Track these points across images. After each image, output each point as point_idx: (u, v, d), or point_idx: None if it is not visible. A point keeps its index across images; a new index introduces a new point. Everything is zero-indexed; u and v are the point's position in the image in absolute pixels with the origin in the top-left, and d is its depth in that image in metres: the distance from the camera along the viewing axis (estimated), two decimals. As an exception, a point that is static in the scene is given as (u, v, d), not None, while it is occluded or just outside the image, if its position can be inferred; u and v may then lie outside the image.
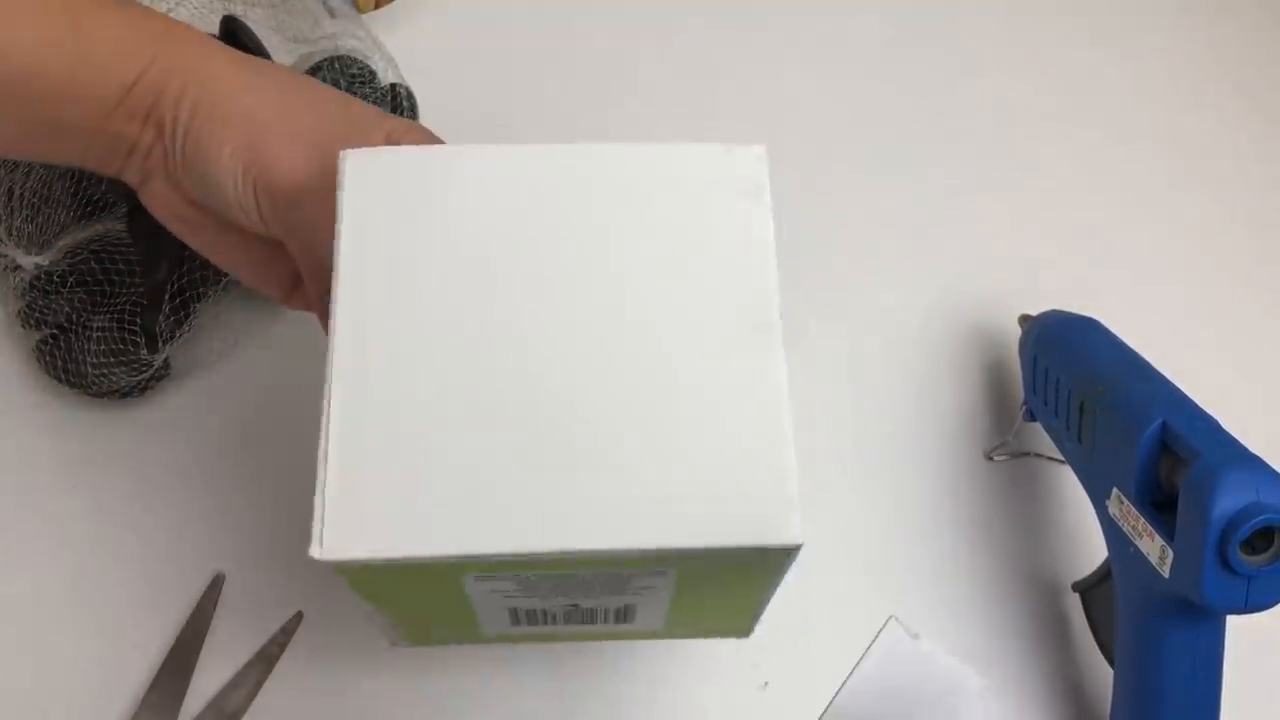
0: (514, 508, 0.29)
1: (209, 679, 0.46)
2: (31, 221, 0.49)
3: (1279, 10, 0.71)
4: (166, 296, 0.48)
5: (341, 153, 0.32)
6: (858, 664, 0.49)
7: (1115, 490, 0.44)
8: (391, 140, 0.38)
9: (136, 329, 0.48)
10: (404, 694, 0.47)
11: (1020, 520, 0.53)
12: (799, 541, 0.30)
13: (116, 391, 0.49)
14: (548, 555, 0.29)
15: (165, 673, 0.45)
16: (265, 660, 0.46)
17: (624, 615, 0.37)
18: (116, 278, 0.49)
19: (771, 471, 0.30)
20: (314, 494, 0.28)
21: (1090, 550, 0.52)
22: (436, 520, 0.28)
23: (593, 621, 0.37)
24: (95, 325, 0.48)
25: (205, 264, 0.49)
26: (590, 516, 0.29)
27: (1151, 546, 0.42)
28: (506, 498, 0.29)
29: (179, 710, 0.45)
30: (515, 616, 0.36)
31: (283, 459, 0.50)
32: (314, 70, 0.56)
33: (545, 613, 0.36)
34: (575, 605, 0.35)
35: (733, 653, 0.49)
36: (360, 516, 0.28)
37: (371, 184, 0.32)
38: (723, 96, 0.62)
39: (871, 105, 0.63)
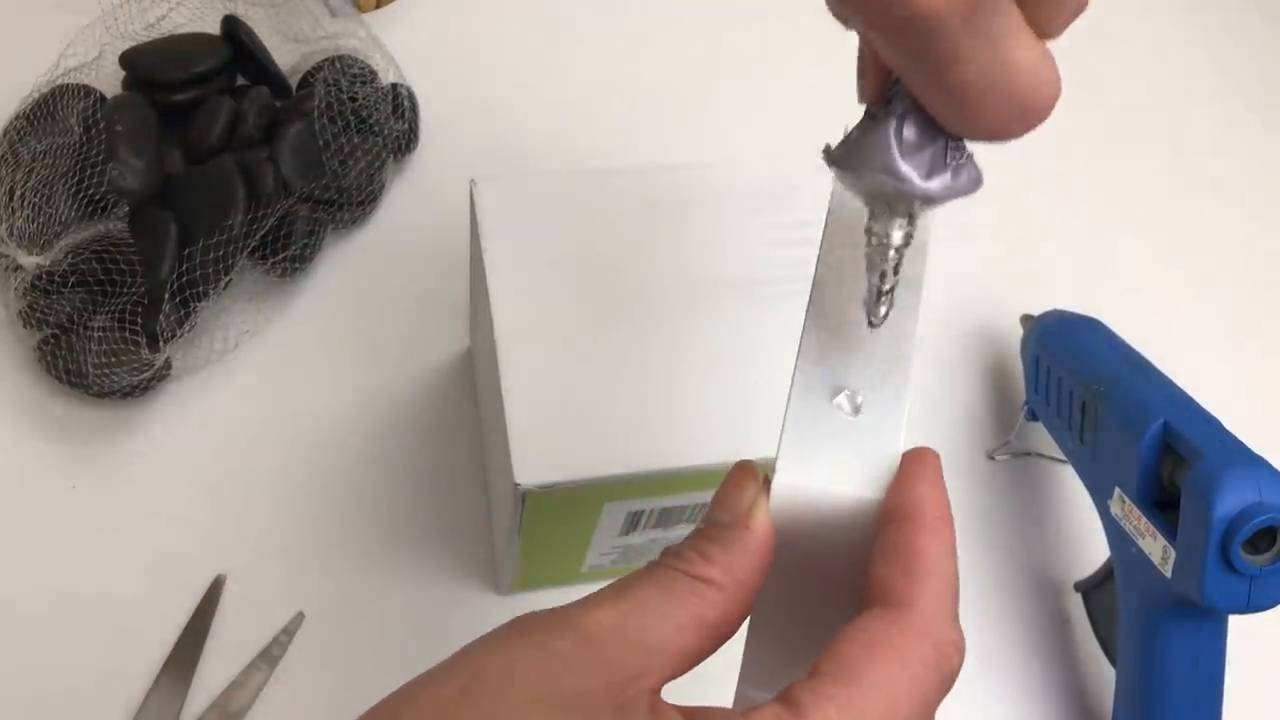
0: (650, 439, 0.38)
1: (211, 679, 0.46)
2: (33, 221, 0.49)
3: (1279, 10, 0.71)
4: (167, 296, 0.48)
5: (471, 180, 0.41)
6: None
7: (1117, 490, 0.44)
8: None
9: (138, 329, 0.48)
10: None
11: (1022, 520, 0.53)
12: None
13: (117, 391, 0.49)
14: (681, 471, 0.38)
15: (167, 673, 0.45)
16: (268, 660, 0.46)
17: None
18: (118, 277, 0.49)
19: None
20: (509, 443, 0.38)
21: (1092, 550, 0.52)
22: (595, 453, 0.38)
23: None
24: (96, 325, 0.48)
25: (206, 263, 0.49)
26: (709, 442, 0.38)
27: (1154, 546, 0.42)
28: (643, 432, 0.38)
29: (181, 711, 0.45)
30: (616, 550, 0.45)
31: (284, 459, 0.50)
32: (315, 70, 0.56)
33: (640, 547, 0.45)
34: (665, 535, 0.44)
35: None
36: (540, 456, 0.37)
37: (499, 202, 0.41)
38: (722, 95, 0.62)
39: (872, 105, 0.63)
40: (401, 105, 0.56)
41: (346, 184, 0.53)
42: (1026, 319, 0.54)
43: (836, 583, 0.28)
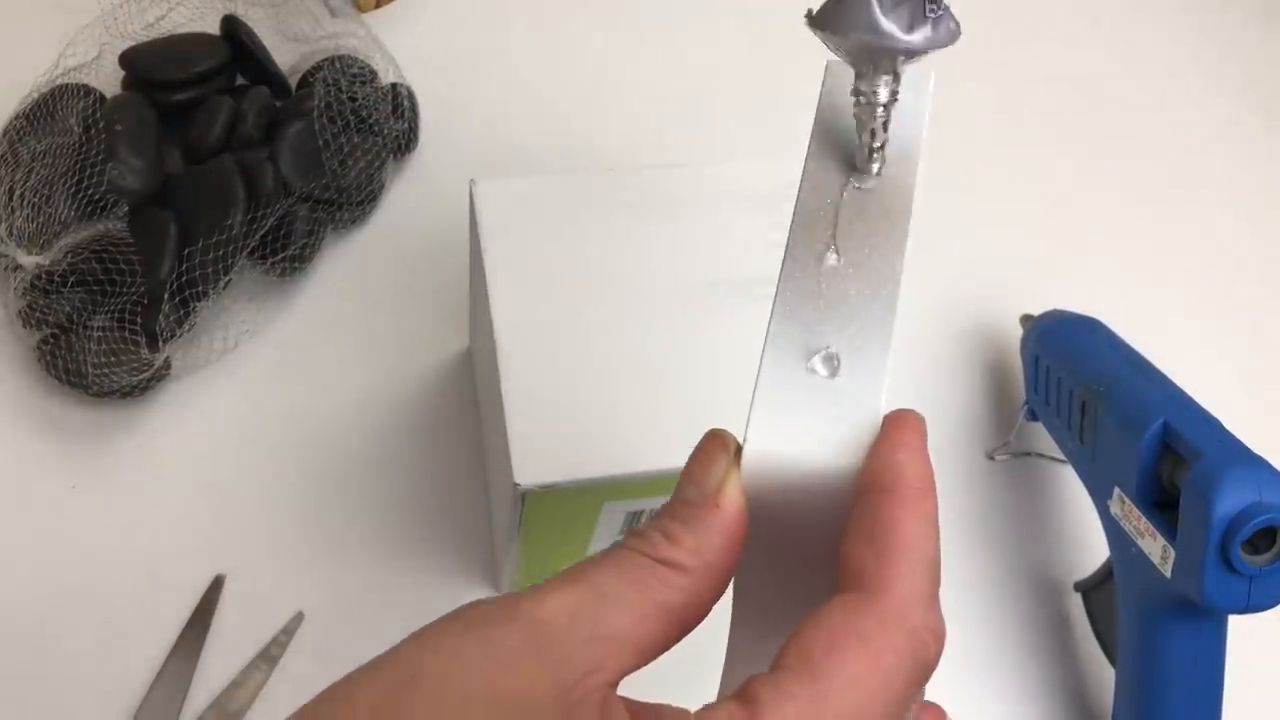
0: (650, 439, 0.38)
1: (211, 679, 0.46)
2: (33, 221, 0.49)
3: (1278, 10, 0.71)
4: (167, 296, 0.48)
5: (471, 179, 0.41)
6: None
7: (1117, 490, 0.44)
8: None
9: (137, 328, 0.48)
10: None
11: (1022, 520, 0.53)
12: None
13: (117, 391, 0.49)
14: (677, 472, 0.38)
15: (167, 673, 0.45)
16: (267, 660, 0.46)
17: None
18: (117, 277, 0.49)
19: None
20: (509, 443, 0.38)
21: (1092, 550, 0.52)
22: (595, 453, 0.38)
23: None
24: (96, 325, 0.48)
25: (206, 263, 0.49)
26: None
27: (1153, 546, 0.42)
28: (643, 432, 0.38)
29: (181, 710, 0.45)
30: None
31: (284, 459, 0.50)
32: (314, 70, 0.56)
33: None
34: None
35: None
36: (540, 456, 0.37)
37: (499, 202, 0.41)
38: (722, 96, 0.62)
39: (872, 105, 0.63)
40: (401, 105, 0.56)
41: (346, 184, 0.53)
42: (1026, 319, 0.54)
43: (820, 554, 0.26)
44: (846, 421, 0.26)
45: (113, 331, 0.48)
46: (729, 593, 0.26)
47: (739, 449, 0.26)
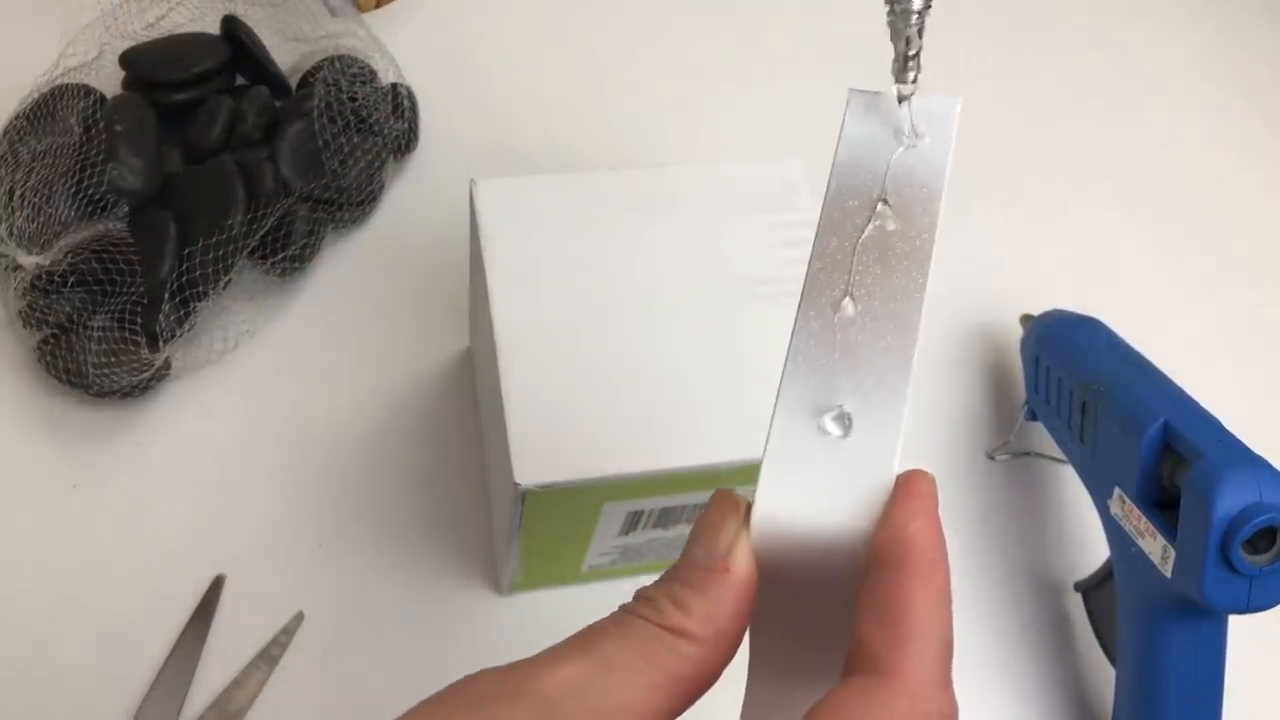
0: (650, 439, 0.38)
1: (211, 679, 0.46)
2: (33, 221, 0.49)
3: (1279, 10, 0.71)
4: (167, 296, 0.48)
5: (471, 179, 0.42)
6: None
7: (1117, 490, 0.44)
8: None
9: (137, 328, 0.48)
10: (406, 693, 0.47)
11: (1022, 520, 0.53)
12: None
13: (117, 391, 0.49)
14: (680, 471, 0.38)
15: (167, 673, 0.45)
16: (267, 660, 0.46)
17: None
18: (117, 277, 0.49)
19: None
20: (509, 443, 0.38)
21: (1092, 550, 0.52)
22: (595, 453, 0.38)
23: (670, 554, 0.46)
24: (96, 325, 0.48)
25: (206, 263, 0.49)
26: (709, 442, 0.38)
27: (1153, 546, 0.42)
28: (643, 432, 0.38)
29: (181, 710, 0.45)
30: (615, 550, 0.45)
31: (284, 458, 0.50)
32: (314, 70, 0.56)
33: (640, 547, 0.45)
34: (665, 535, 0.44)
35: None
36: (540, 456, 0.37)
37: (499, 202, 0.41)
38: (722, 95, 0.62)
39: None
40: (401, 105, 0.56)
41: (346, 184, 0.53)
42: (1026, 319, 0.54)
43: (833, 615, 0.26)
44: (858, 484, 0.26)
45: (113, 331, 0.48)
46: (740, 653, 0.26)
47: (748, 508, 0.26)
